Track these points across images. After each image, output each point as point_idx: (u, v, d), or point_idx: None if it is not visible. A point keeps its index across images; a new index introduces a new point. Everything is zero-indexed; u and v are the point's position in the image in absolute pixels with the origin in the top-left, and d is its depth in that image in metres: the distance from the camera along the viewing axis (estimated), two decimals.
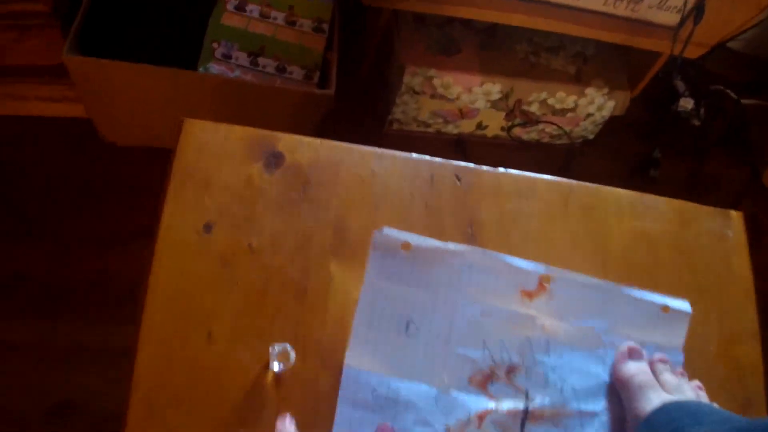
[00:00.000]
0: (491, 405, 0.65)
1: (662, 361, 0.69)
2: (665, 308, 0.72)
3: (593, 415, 0.67)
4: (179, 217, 0.67)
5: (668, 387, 0.66)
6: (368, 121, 1.77)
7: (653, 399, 0.64)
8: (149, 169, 1.35)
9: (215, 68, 1.43)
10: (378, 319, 0.66)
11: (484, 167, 0.75)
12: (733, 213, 0.81)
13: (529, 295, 0.70)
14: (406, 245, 0.68)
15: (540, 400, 0.66)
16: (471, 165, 0.75)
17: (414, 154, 0.74)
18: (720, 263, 0.77)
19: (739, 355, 0.73)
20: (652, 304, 0.72)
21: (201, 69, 1.42)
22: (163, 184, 0.69)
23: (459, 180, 0.74)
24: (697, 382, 0.69)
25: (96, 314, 1.43)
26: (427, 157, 0.74)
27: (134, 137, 1.59)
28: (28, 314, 1.42)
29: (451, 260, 0.69)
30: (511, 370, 0.67)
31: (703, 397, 0.68)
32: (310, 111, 1.44)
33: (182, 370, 0.61)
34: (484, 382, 0.66)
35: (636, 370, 0.68)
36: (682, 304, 0.73)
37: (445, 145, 1.77)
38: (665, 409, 0.62)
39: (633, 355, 0.69)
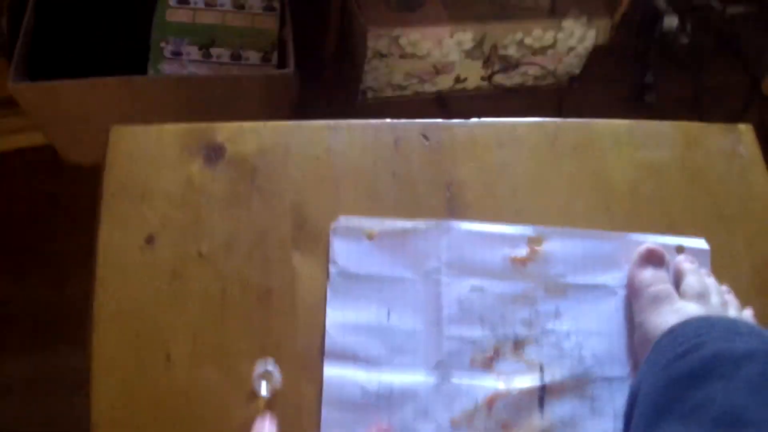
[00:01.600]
0: (501, 386, 0.56)
1: (688, 260, 0.60)
2: (680, 248, 0.62)
3: (621, 379, 0.58)
4: (118, 234, 0.60)
5: (690, 294, 0.57)
6: (341, 95, 1.68)
7: (668, 317, 0.55)
8: None
9: (167, 68, 1.35)
10: (353, 311, 0.57)
11: (454, 121, 0.66)
12: (742, 127, 0.70)
13: (522, 261, 0.60)
14: (370, 234, 0.60)
15: (558, 373, 0.57)
16: (438, 121, 0.66)
17: (372, 120, 0.65)
18: (737, 184, 0.67)
19: None
20: (665, 246, 0.61)
21: (152, 71, 1.34)
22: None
23: (427, 139, 0.65)
24: (725, 287, 0.60)
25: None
26: (388, 120, 0.65)
27: (97, 154, 1.50)
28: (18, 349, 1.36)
29: (424, 239, 0.60)
30: (518, 345, 0.58)
31: (732, 303, 0.59)
32: (276, 95, 1.35)
33: (144, 402, 0.54)
34: (489, 362, 0.57)
35: (652, 278, 0.58)
36: (698, 242, 0.63)
37: (426, 105, 1.68)
38: (688, 324, 0.53)
39: (652, 259, 0.60)
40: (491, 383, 0.56)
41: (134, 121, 0.65)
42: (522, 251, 0.60)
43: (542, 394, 0.56)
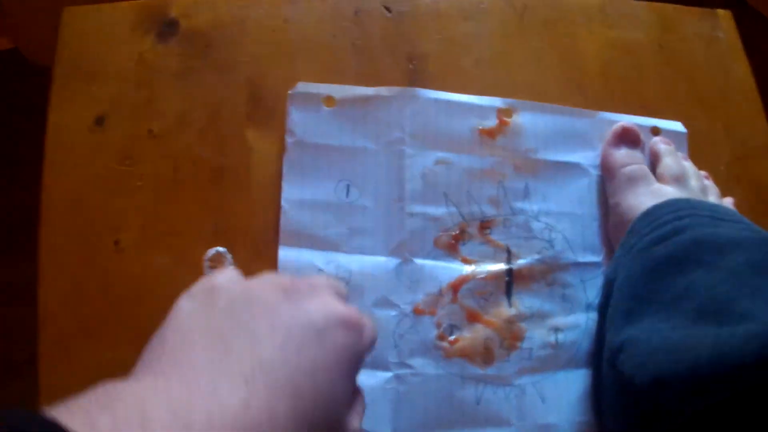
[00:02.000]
0: (466, 270, 0.54)
1: (665, 142, 0.57)
2: (655, 130, 0.59)
3: (595, 265, 0.55)
4: (67, 116, 0.57)
5: (668, 176, 0.54)
6: None
7: (645, 198, 0.52)
8: None
9: None
10: (311, 188, 0.54)
11: None
12: (721, 12, 0.67)
13: (490, 133, 0.57)
14: (328, 100, 0.56)
15: (527, 257, 0.55)
16: None
17: None
18: (716, 70, 0.65)
19: (756, 172, 0.62)
20: (640, 127, 0.58)
21: None
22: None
23: (389, 11, 0.61)
24: (704, 172, 0.58)
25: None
26: None
27: None
28: None
29: (387, 108, 0.56)
30: (485, 225, 0.55)
31: (711, 189, 0.56)
32: None
33: (93, 291, 0.52)
34: (453, 244, 0.54)
35: (627, 158, 0.55)
36: (675, 125, 0.60)
37: None
38: (667, 205, 0.50)
39: (627, 138, 0.57)
40: (456, 266, 0.54)
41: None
42: (491, 122, 0.57)
43: (510, 280, 0.54)
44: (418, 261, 0.53)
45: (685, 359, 0.40)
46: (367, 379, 0.51)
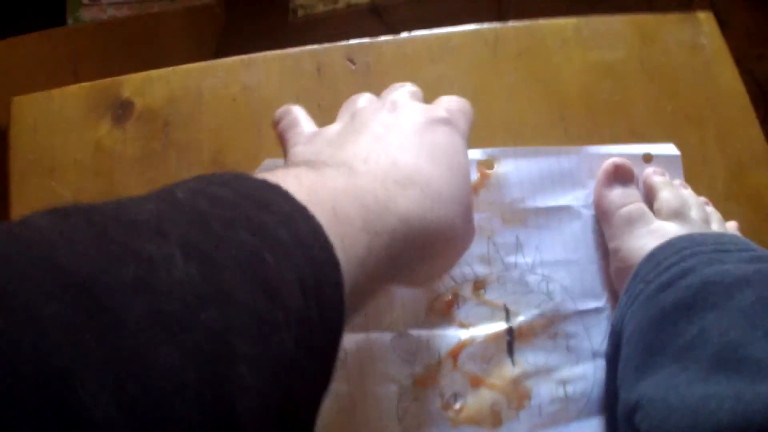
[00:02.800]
0: (464, 335, 0.50)
1: (658, 173, 0.54)
2: (648, 157, 0.55)
3: (597, 311, 0.52)
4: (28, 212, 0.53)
5: (666, 211, 0.51)
6: (272, 18, 1.58)
7: (645, 240, 0.49)
8: None
9: (86, 15, 1.25)
10: None
11: (381, 38, 0.59)
12: (702, 15, 0.63)
13: (473, 189, 0.53)
14: None
15: (526, 313, 0.51)
16: (364, 40, 0.59)
17: (290, 49, 0.59)
18: (703, 79, 0.61)
19: (754, 184, 0.58)
20: (631, 156, 0.55)
21: (71, 21, 1.25)
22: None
23: (353, 63, 0.58)
24: (703, 199, 0.54)
25: None
26: (308, 47, 0.58)
27: None
28: None
29: None
30: (478, 286, 0.51)
31: (713, 216, 0.53)
32: (203, 29, 1.27)
33: None
34: (447, 309, 0.51)
35: (623, 198, 0.52)
36: (667, 148, 0.56)
37: (361, 17, 1.58)
38: (669, 246, 0.47)
39: (619, 176, 0.53)
40: (453, 332, 0.50)
41: (61, 76, 0.59)
42: (472, 177, 0.53)
43: (510, 339, 0.50)
44: (413, 332, 0.50)
45: (705, 423, 0.38)
46: None
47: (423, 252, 0.36)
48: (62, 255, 0.19)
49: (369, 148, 0.36)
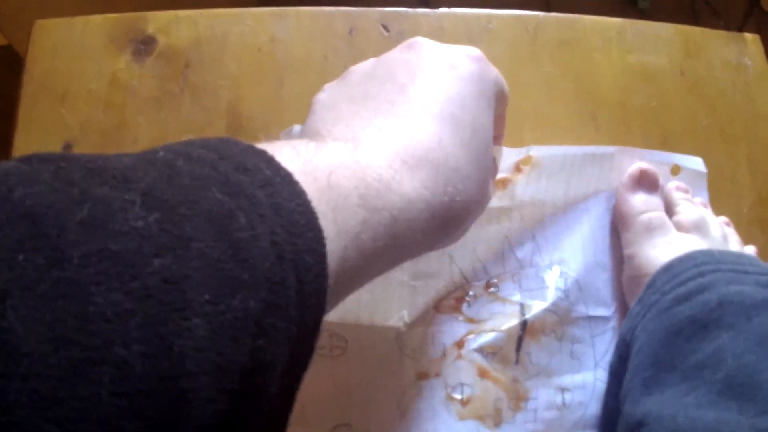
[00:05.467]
0: (474, 330, 0.48)
1: (681, 189, 0.52)
2: (676, 169, 0.53)
3: (604, 320, 0.50)
4: (34, 141, 0.52)
5: (686, 224, 0.49)
6: None
7: (663, 250, 0.47)
8: None
9: None
10: None
11: (419, 10, 0.57)
12: (749, 36, 0.61)
13: (502, 183, 0.50)
14: None
15: (540, 307, 0.48)
16: (402, 9, 0.57)
17: (324, 7, 0.57)
18: (742, 99, 0.59)
19: None
20: (660, 164, 0.53)
21: None
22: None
23: (387, 30, 0.56)
24: (724, 218, 0.52)
25: None
26: (343, 8, 0.57)
27: None
28: None
29: None
30: (491, 284, 0.49)
31: (732, 237, 0.51)
32: None
33: None
34: (456, 306, 0.49)
35: (645, 205, 0.50)
36: (695, 162, 0.54)
37: None
38: (688, 259, 0.45)
39: (644, 182, 0.51)
40: (460, 327, 0.48)
41: (91, 12, 0.57)
42: (506, 172, 0.51)
43: (522, 333, 0.48)
44: (419, 328, 0.48)
45: None
46: None
47: (429, 234, 0.33)
48: (18, 192, 0.18)
49: (382, 119, 0.33)
